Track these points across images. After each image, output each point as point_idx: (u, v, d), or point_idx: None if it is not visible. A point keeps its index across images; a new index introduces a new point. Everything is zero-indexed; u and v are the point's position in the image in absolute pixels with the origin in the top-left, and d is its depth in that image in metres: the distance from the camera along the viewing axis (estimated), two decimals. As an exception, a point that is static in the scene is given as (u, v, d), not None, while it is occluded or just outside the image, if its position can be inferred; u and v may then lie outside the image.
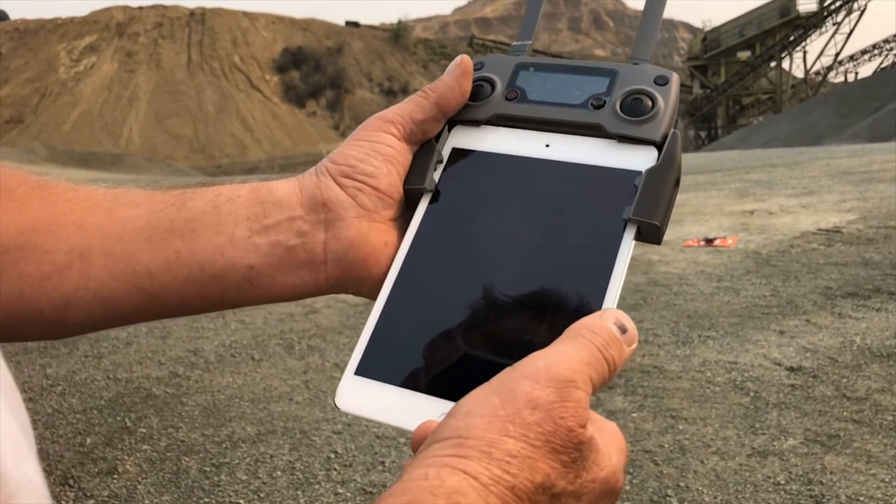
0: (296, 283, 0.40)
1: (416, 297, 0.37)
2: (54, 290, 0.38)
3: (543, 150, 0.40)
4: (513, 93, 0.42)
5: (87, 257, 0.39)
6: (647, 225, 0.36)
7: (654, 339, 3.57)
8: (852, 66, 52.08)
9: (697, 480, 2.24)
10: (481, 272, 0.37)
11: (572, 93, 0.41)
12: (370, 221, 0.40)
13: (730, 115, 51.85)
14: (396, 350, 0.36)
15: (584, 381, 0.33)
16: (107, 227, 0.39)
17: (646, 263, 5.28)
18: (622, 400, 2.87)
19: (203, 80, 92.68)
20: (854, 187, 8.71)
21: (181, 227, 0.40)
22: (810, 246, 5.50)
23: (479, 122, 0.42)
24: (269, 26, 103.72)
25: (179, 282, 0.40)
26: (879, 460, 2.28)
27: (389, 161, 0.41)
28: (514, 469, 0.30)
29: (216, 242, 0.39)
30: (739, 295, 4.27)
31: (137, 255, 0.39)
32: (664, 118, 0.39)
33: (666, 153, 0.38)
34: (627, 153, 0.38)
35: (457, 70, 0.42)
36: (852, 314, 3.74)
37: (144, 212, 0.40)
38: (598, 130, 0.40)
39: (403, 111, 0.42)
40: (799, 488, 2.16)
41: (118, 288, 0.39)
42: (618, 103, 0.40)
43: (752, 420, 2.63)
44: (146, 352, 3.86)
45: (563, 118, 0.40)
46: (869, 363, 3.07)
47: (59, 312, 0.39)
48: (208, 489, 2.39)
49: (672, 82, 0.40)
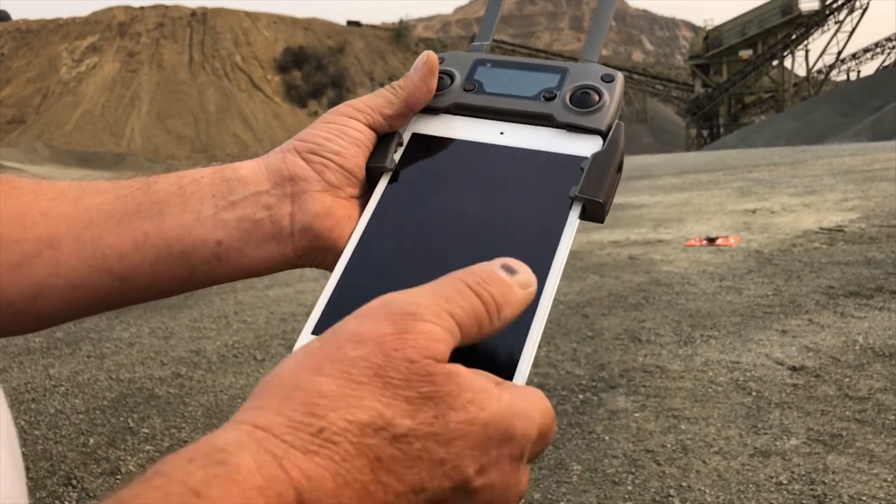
0: (264, 257, 0.41)
1: (371, 265, 0.39)
2: (24, 279, 0.38)
3: (498, 137, 0.43)
4: (471, 85, 0.45)
5: (56, 245, 0.39)
6: (591, 202, 0.39)
7: (657, 338, 3.57)
8: (854, 65, 52.00)
9: (700, 480, 2.24)
10: (433, 244, 0.39)
11: (526, 86, 0.44)
12: (334, 196, 0.42)
13: (732, 113, 51.79)
14: (349, 311, 0.37)
15: (434, 314, 0.29)
16: (73, 215, 0.39)
17: (648, 263, 5.28)
18: (624, 400, 2.87)
19: (205, 79, 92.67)
20: (856, 186, 8.70)
21: (148, 208, 0.40)
22: (812, 245, 5.50)
23: (438, 111, 0.45)
24: (270, 26, 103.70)
25: (149, 262, 0.40)
26: (882, 460, 2.28)
27: (356, 143, 0.43)
28: (321, 410, 0.26)
29: (183, 221, 0.40)
30: (742, 294, 4.27)
31: (106, 239, 0.39)
32: (609, 110, 0.42)
33: (610, 140, 0.41)
34: (575, 141, 0.42)
35: (424, 68, 0.44)
36: (855, 313, 3.73)
37: (110, 198, 0.40)
38: (548, 120, 0.43)
39: (373, 104, 0.44)
40: (801, 488, 2.16)
41: (88, 273, 0.39)
42: (567, 96, 0.43)
43: (755, 420, 2.62)
44: (149, 352, 3.86)
45: (517, 108, 0.43)
46: (871, 363, 3.07)
47: (30, 302, 0.39)
48: (211, 489, 2.39)
49: (617, 80, 0.44)
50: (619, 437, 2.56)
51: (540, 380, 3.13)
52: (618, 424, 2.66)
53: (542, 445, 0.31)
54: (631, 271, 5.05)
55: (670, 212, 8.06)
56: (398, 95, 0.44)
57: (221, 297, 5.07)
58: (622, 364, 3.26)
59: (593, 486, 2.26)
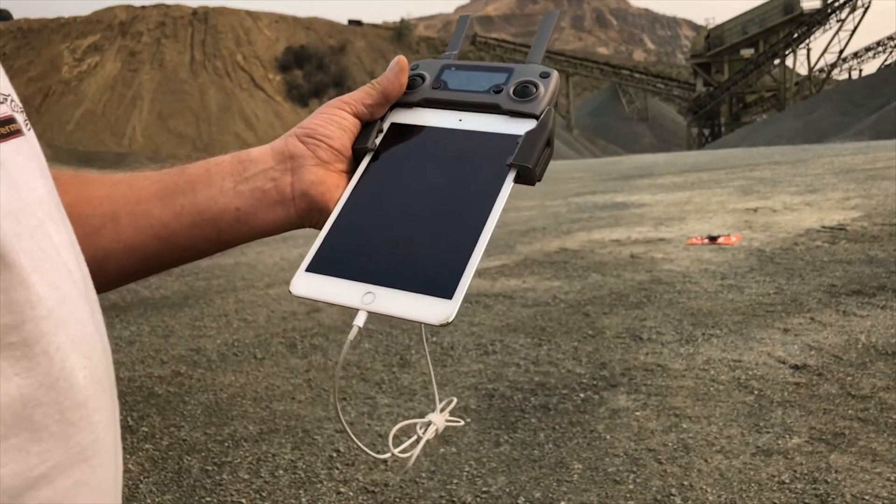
0: (273, 219, 0.53)
1: (354, 222, 0.51)
2: (94, 246, 0.49)
3: (458, 123, 0.54)
4: (437, 84, 0.57)
5: (116, 218, 0.51)
6: (523, 168, 0.49)
7: (658, 337, 3.56)
8: (856, 64, 51.90)
9: (701, 479, 2.23)
10: (404, 203, 0.51)
11: (481, 83, 0.56)
12: (325, 169, 0.53)
13: (733, 112, 51.72)
14: (336, 253, 0.49)
15: None
16: (129, 195, 0.52)
17: (649, 261, 5.26)
18: (625, 398, 2.85)
19: (206, 79, 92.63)
20: (858, 185, 8.68)
21: (183, 187, 0.52)
22: (814, 243, 5.48)
23: (412, 105, 0.57)
24: (271, 25, 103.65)
25: (186, 227, 0.52)
26: (885, 459, 2.27)
27: (343, 129, 0.54)
28: None
29: (209, 194, 0.52)
30: (743, 293, 4.25)
31: (153, 212, 0.51)
32: (544, 99, 0.53)
33: (541, 121, 0.52)
34: (516, 123, 0.53)
35: (395, 68, 0.56)
36: (857, 312, 3.72)
37: (155, 180, 0.53)
38: (496, 109, 0.54)
39: (357, 97, 0.55)
40: (804, 487, 2.15)
41: (142, 239, 0.51)
42: (511, 89, 0.54)
43: (757, 418, 2.61)
44: (149, 350, 3.85)
45: (473, 100, 0.55)
46: (874, 361, 3.05)
47: (100, 264, 0.49)
48: (210, 488, 2.38)
49: (552, 76, 0.54)
50: (620, 436, 2.54)
51: (541, 378, 3.12)
52: (619, 423, 2.65)
53: None
54: (632, 270, 5.04)
55: (672, 210, 8.04)
56: (376, 88, 0.55)
57: (222, 296, 5.06)
58: (623, 363, 3.24)
59: (594, 484, 2.25)
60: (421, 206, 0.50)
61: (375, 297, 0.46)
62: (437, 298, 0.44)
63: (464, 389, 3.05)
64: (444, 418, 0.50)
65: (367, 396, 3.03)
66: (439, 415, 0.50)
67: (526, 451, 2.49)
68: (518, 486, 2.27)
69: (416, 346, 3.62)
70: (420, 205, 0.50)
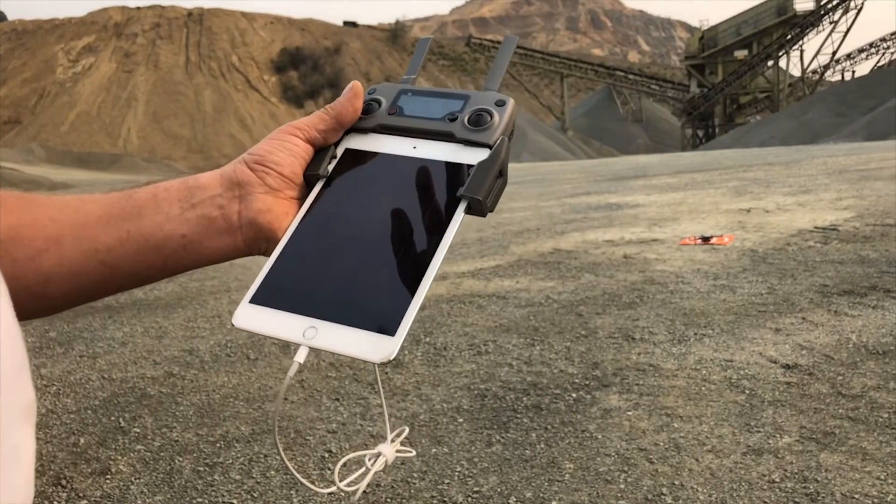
0: (220, 247, 0.52)
1: (301, 250, 0.50)
2: (37, 269, 0.49)
3: (411, 151, 0.53)
4: (393, 109, 0.56)
5: (60, 242, 0.50)
6: (474, 200, 0.48)
7: (650, 336, 3.57)
8: (849, 65, 52.10)
9: (692, 479, 2.24)
10: (352, 233, 0.50)
11: (436, 110, 0.55)
12: (274, 197, 0.52)
13: (727, 113, 51.86)
14: (281, 285, 0.48)
15: None
16: (74, 219, 0.51)
17: (642, 262, 5.28)
18: (617, 398, 2.86)
19: (201, 80, 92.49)
20: (851, 185, 8.71)
21: (129, 212, 0.51)
22: (807, 244, 5.50)
23: (367, 131, 0.55)
24: (267, 26, 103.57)
25: (132, 254, 0.51)
26: (875, 458, 2.28)
27: (293, 155, 0.53)
28: None
29: (156, 220, 0.51)
30: (736, 293, 4.26)
31: (98, 237, 0.50)
32: (498, 129, 0.52)
33: (494, 152, 0.50)
34: (469, 152, 0.51)
35: (350, 93, 0.55)
36: (848, 312, 3.73)
37: (102, 205, 0.52)
38: (450, 137, 0.53)
39: (310, 122, 0.54)
40: (794, 486, 2.16)
41: (85, 263, 0.50)
42: (466, 118, 0.53)
43: (748, 418, 2.62)
44: (141, 351, 3.85)
45: (427, 128, 0.54)
46: (865, 361, 3.07)
47: (43, 287, 0.49)
48: (202, 489, 2.38)
49: (508, 105, 0.53)
50: (611, 436, 2.55)
51: (533, 378, 3.12)
52: (611, 423, 2.65)
53: None
54: (625, 270, 5.05)
55: (665, 211, 8.06)
56: (329, 114, 0.54)
57: (216, 297, 5.05)
58: (616, 363, 3.25)
59: (585, 484, 2.25)
60: (370, 237, 0.49)
61: (318, 331, 0.44)
62: (379, 335, 0.43)
63: (456, 389, 3.05)
64: (394, 449, 0.48)
65: (359, 397, 3.04)
66: (389, 445, 0.48)
67: (518, 450, 2.50)
68: (509, 485, 2.27)
69: (409, 346, 3.62)
70: (369, 235, 0.49)
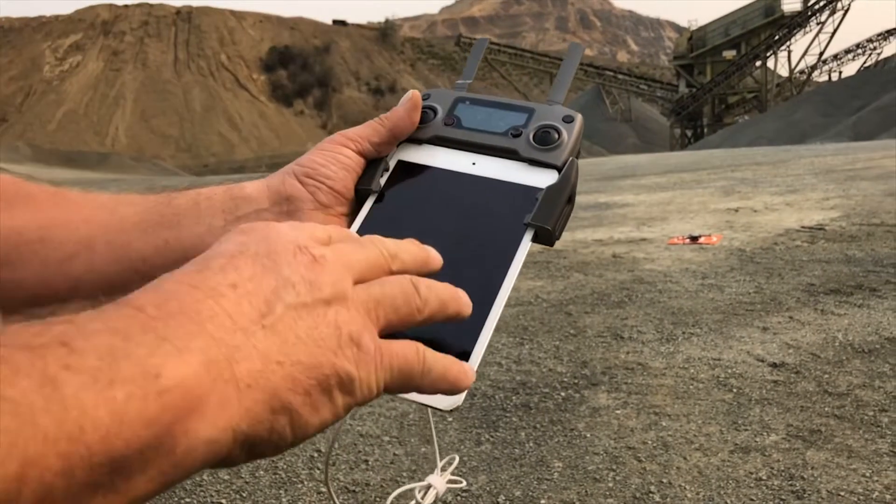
0: None
1: None
2: (67, 273, 0.46)
3: (470, 167, 0.50)
4: (450, 120, 0.52)
5: (92, 246, 0.47)
6: (542, 229, 0.45)
7: (639, 336, 3.58)
8: (836, 66, 52.54)
9: (680, 477, 2.25)
10: None
11: (497, 123, 0.51)
12: (325, 213, 0.49)
13: (715, 113, 52.16)
14: None
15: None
16: (109, 223, 0.48)
17: (631, 261, 5.30)
18: (606, 397, 2.87)
19: (190, 78, 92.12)
20: (838, 185, 8.77)
21: (169, 220, 0.48)
22: (794, 243, 5.54)
23: (422, 142, 0.52)
24: (256, 25, 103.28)
25: (168, 265, 0.46)
26: (860, 455, 2.30)
27: (345, 168, 0.50)
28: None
29: (197, 231, 0.48)
30: (724, 292, 4.29)
31: (133, 244, 0.47)
32: (566, 148, 0.48)
33: (563, 175, 0.47)
34: (535, 173, 0.48)
35: (408, 104, 0.51)
36: (835, 311, 3.76)
37: (139, 209, 0.49)
38: (514, 154, 0.49)
39: (363, 133, 0.51)
40: (780, 483, 2.17)
41: (118, 271, 0.47)
42: (531, 134, 0.49)
43: (735, 416, 2.64)
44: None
45: (488, 143, 0.50)
46: (851, 359, 3.09)
47: (70, 293, 0.46)
48: (190, 489, 2.37)
49: (576, 121, 0.50)
50: (600, 434, 2.56)
51: (522, 377, 3.13)
52: (599, 421, 2.67)
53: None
54: (614, 269, 5.07)
55: (654, 211, 8.09)
56: (385, 126, 0.51)
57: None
58: (604, 361, 3.26)
59: (574, 482, 2.26)
60: None
61: None
62: None
63: (445, 389, 3.05)
64: (444, 480, 0.45)
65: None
66: (439, 476, 0.45)
67: (507, 449, 2.50)
68: (498, 484, 2.28)
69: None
70: None
